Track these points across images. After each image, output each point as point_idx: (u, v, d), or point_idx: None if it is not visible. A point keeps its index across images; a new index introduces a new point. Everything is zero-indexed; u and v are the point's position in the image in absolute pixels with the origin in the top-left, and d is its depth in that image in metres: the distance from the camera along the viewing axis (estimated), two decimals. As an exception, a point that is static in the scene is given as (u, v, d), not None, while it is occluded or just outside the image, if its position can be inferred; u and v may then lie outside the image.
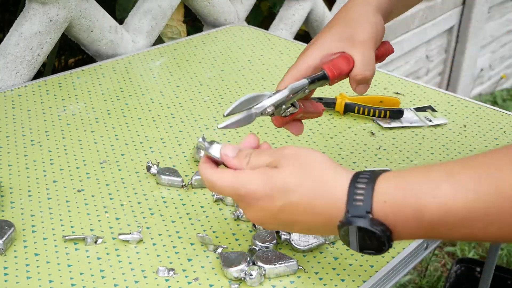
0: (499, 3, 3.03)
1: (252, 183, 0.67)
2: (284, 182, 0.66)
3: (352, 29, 0.83)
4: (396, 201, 0.62)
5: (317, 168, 0.66)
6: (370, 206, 0.63)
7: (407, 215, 0.62)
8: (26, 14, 1.22)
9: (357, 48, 0.81)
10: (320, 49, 0.82)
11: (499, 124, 1.16)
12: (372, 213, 0.63)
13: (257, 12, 1.92)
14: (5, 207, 0.87)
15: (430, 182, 0.61)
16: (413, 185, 0.62)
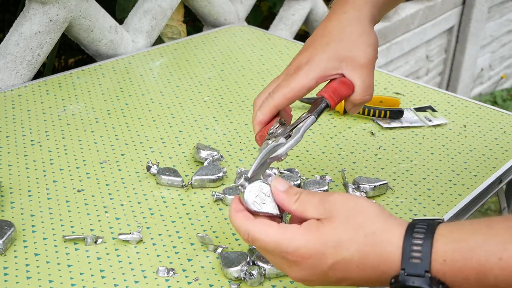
0: (499, 3, 3.03)
1: (302, 238, 0.62)
2: (336, 238, 0.62)
3: (351, 50, 0.79)
4: (457, 260, 0.58)
5: (369, 220, 0.62)
6: (429, 265, 0.59)
7: (469, 276, 0.58)
8: (26, 14, 1.21)
9: (357, 72, 0.78)
10: (316, 70, 0.78)
11: (499, 124, 1.16)
12: (431, 271, 0.59)
13: (257, 12, 1.92)
14: (5, 207, 0.87)
15: (495, 242, 0.58)
16: (476, 244, 0.58)
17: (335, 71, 0.78)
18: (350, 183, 0.93)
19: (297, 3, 1.84)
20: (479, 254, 0.58)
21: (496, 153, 1.07)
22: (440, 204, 0.93)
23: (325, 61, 0.78)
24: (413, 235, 0.60)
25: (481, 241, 0.58)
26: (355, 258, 0.61)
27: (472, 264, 0.58)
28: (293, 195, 0.66)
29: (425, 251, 0.59)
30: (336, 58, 0.78)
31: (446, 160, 1.04)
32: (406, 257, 0.59)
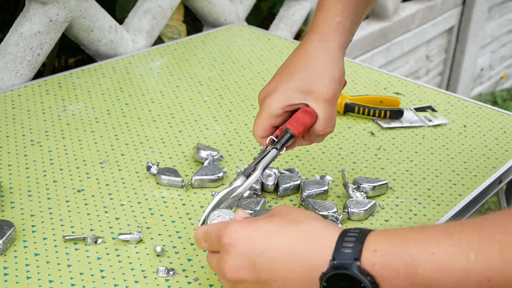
0: (499, 3, 3.02)
1: (234, 224, 0.66)
2: (266, 227, 0.64)
3: (315, 84, 0.82)
4: (388, 252, 0.58)
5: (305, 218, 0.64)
6: (359, 253, 0.58)
7: (398, 270, 0.57)
8: (26, 14, 1.21)
9: (320, 104, 0.82)
10: (281, 99, 0.82)
11: (499, 124, 1.16)
12: (361, 261, 0.58)
13: (257, 12, 1.92)
14: (5, 207, 0.87)
15: (428, 238, 0.57)
16: (408, 239, 0.58)
17: (299, 101, 0.82)
18: (350, 183, 0.93)
19: (297, 3, 1.84)
20: (412, 248, 0.57)
21: (496, 153, 1.07)
22: (440, 204, 0.93)
23: (290, 91, 0.82)
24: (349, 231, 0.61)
25: (415, 236, 0.58)
26: (284, 246, 0.62)
27: (403, 256, 0.57)
28: None
29: (357, 242, 0.59)
30: (300, 90, 0.82)
31: (446, 160, 1.04)
32: (338, 248, 0.59)
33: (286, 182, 0.93)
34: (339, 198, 0.93)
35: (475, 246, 0.55)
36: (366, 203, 0.89)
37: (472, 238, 0.56)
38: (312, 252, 0.61)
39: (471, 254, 0.55)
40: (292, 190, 0.93)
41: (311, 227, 0.62)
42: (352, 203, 0.89)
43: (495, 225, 0.56)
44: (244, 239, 0.64)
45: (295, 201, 0.92)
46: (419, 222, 0.89)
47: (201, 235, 0.70)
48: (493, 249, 0.54)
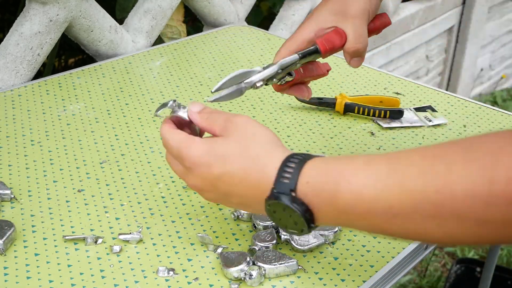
0: (499, 3, 3.02)
1: (195, 148, 0.70)
2: (224, 151, 0.69)
3: (345, 3, 0.85)
4: (317, 182, 0.64)
5: (259, 142, 0.69)
6: (294, 185, 0.65)
7: (324, 198, 0.64)
8: (26, 14, 1.22)
9: (349, 22, 0.84)
10: (314, 23, 0.85)
11: (499, 124, 1.16)
12: (296, 191, 0.65)
13: (257, 12, 1.92)
14: (5, 207, 0.87)
15: (350, 169, 0.63)
16: (335, 170, 0.64)
17: (330, 24, 0.84)
18: (350, 183, 0.93)
19: (297, 3, 1.84)
20: (334, 177, 0.63)
21: (496, 153, 1.06)
22: (440, 204, 0.93)
23: (322, 15, 0.85)
24: (290, 160, 0.66)
25: (339, 165, 0.64)
26: (239, 173, 0.68)
27: (328, 186, 0.63)
28: (204, 113, 0.74)
29: (294, 173, 0.65)
30: (331, 12, 0.85)
31: (446, 160, 1.04)
32: (278, 177, 0.66)
33: (286, 182, 0.93)
34: (339, 198, 0.93)
35: (383, 177, 0.61)
36: (366, 203, 0.89)
37: (382, 169, 0.61)
38: (261, 180, 0.67)
39: (379, 185, 0.60)
40: (292, 190, 0.93)
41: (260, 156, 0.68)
42: (352, 203, 0.89)
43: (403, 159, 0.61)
44: (203, 165, 0.69)
45: (295, 201, 0.92)
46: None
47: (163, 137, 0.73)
48: (396, 180, 0.60)
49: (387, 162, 0.62)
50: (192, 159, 0.70)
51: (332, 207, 0.64)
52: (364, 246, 0.83)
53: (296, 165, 0.66)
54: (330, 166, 0.65)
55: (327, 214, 0.65)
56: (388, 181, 0.60)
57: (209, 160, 0.69)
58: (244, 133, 0.70)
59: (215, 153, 0.69)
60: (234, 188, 0.69)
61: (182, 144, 0.71)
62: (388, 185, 0.60)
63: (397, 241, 0.84)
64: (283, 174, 0.66)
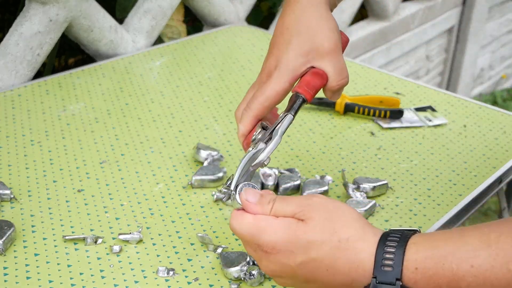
0: (499, 3, 3.02)
1: (275, 233, 0.63)
2: (308, 238, 0.62)
3: (313, 41, 0.76)
4: (429, 268, 0.58)
5: (345, 226, 0.62)
6: (400, 273, 0.59)
7: (441, 284, 0.58)
8: (26, 14, 1.21)
9: (325, 60, 0.76)
10: (286, 73, 0.76)
11: (499, 124, 1.16)
12: (402, 280, 0.59)
13: (257, 12, 1.92)
14: (5, 207, 0.87)
15: (466, 250, 0.58)
16: (447, 252, 0.58)
17: (304, 67, 0.76)
18: (350, 183, 0.93)
19: (297, 3, 1.84)
20: (451, 262, 0.58)
21: (496, 153, 1.07)
22: (440, 204, 0.93)
23: (292, 60, 0.76)
24: (386, 243, 0.60)
25: (453, 249, 0.58)
26: (325, 260, 0.61)
27: (444, 272, 0.58)
28: (266, 204, 0.65)
29: (397, 259, 0.59)
30: (301, 53, 0.76)
31: (446, 160, 1.04)
32: (378, 265, 0.59)
33: (286, 182, 0.93)
34: (339, 198, 0.93)
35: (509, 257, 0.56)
36: (366, 203, 0.89)
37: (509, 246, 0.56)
38: (352, 268, 0.61)
39: (510, 265, 0.56)
40: (292, 190, 0.93)
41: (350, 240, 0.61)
42: (352, 203, 0.89)
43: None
44: (285, 252, 0.63)
45: (295, 201, 0.92)
46: (419, 222, 0.89)
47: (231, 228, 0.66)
48: None
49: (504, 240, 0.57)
50: (269, 246, 0.63)
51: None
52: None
53: (397, 249, 0.59)
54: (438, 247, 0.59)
55: None
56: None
57: (289, 248, 0.62)
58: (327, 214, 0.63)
59: (296, 240, 0.62)
60: (319, 276, 0.62)
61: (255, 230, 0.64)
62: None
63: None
64: (384, 261, 0.59)
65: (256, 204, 0.66)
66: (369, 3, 2.18)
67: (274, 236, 0.63)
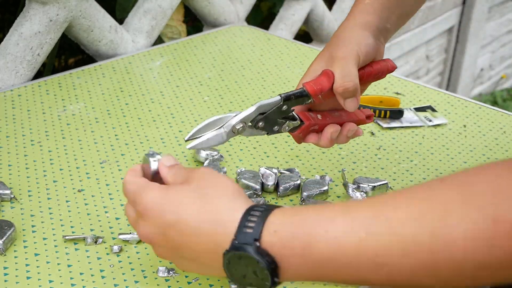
0: (499, 3, 3.03)
1: (151, 193, 0.66)
2: (179, 199, 0.64)
3: (334, 48, 0.84)
4: (287, 231, 0.59)
5: (218, 192, 0.64)
6: (259, 234, 0.59)
7: (295, 249, 0.58)
8: (26, 14, 1.22)
9: (336, 63, 0.82)
10: (308, 75, 0.84)
11: (499, 124, 1.16)
12: (260, 241, 0.59)
13: (257, 12, 1.92)
14: (5, 207, 0.87)
15: (325, 217, 0.58)
16: (307, 218, 0.59)
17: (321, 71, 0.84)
18: (350, 183, 0.93)
19: (297, 3, 1.84)
20: (308, 227, 0.58)
21: (496, 153, 1.07)
22: (440, 204, 0.93)
23: (313, 67, 0.85)
24: (253, 210, 0.61)
25: (313, 214, 0.59)
26: (192, 222, 0.62)
27: (299, 235, 0.58)
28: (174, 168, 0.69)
29: (258, 222, 0.60)
30: (322, 60, 0.85)
31: (446, 160, 1.04)
32: (240, 227, 0.60)
33: (286, 182, 0.93)
34: (339, 198, 0.93)
35: (367, 224, 0.56)
36: (366, 203, 0.89)
37: (365, 216, 0.56)
38: (217, 230, 0.61)
39: (362, 232, 0.55)
40: (292, 190, 0.93)
41: (221, 203, 0.63)
42: (352, 203, 0.89)
43: (388, 203, 0.57)
44: (156, 210, 0.64)
45: (295, 201, 0.92)
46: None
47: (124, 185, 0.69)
48: (382, 225, 0.55)
49: (370, 207, 0.57)
50: (143, 202, 0.65)
51: (305, 259, 0.58)
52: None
53: (261, 214, 0.60)
54: (301, 214, 0.59)
55: (297, 267, 0.59)
56: (373, 227, 0.55)
57: (162, 205, 0.64)
58: (204, 181, 0.65)
59: (168, 198, 0.64)
60: (186, 238, 0.63)
61: (139, 189, 0.67)
62: (374, 231, 0.55)
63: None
64: (246, 224, 0.60)
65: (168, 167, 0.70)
66: (369, 3, 2.17)
67: (149, 196, 0.65)
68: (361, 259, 0.56)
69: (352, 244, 0.56)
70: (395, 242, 0.54)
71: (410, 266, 0.54)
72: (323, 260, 0.57)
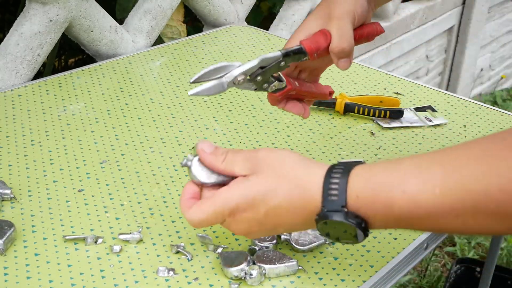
0: (499, 3, 3.03)
1: (232, 199, 0.69)
2: (263, 189, 0.68)
3: (330, 7, 0.84)
4: (367, 196, 0.65)
5: (291, 168, 0.69)
6: (344, 201, 0.65)
7: (378, 209, 0.65)
8: (26, 14, 1.22)
9: (333, 22, 0.83)
10: (303, 32, 0.84)
11: (499, 124, 1.16)
12: (347, 206, 0.66)
13: (257, 12, 1.92)
14: (5, 207, 0.87)
15: (400, 177, 0.64)
16: (383, 180, 0.65)
17: (317, 29, 0.84)
18: (350, 183, 0.93)
19: (297, 3, 1.84)
20: (386, 189, 0.64)
21: (496, 153, 1.07)
22: (440, 204, 0.93)
23: (309, 23, 0.85)
24: (332, 175, 0.67)
25: (388, 176, 0.65)
26: (283, 203, 0.68)
27: (380, 198, 0.64)
28: (219, 155, 0.72)
29: (341, 189, 0.66)
30: (318, 17, 0.85)
31: (446, 160, 1.04)
32: (325, 195, 0.66)
33: (286, 182, 0.93)
34: (339, 198, 0.93)
35: (440, 181, 0.61)
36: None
37: (436, 173, 0.62)
38: (306, 202, 0.67)
39: (436, 189, 0.61)
40: (292, 190, 0.93)
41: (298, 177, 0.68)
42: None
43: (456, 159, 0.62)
44: (247, 208, 0.69)
45: (295, 201, 0.92)
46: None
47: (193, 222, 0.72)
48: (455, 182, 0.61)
49: (440, 165, 0.63)
50: (235, 212, 0.69)
51: (387, 217, 0.65)
52: (364, 246, 0.83)
53: (341, 179, 0.66)
54: (377, 175, 0.65)
55: (381, 222, 0.66)
56: (446, 185, 0.61)
57: (251, 203, 0.69)
58: (272, 164, 0.69)
59: (253, 195, 0.68)
60: (282, 219, 0.69)
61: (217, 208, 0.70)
62: (448, 188, 0.61)
63: (397, 241, 0.84)
64: (330, 192, 0.66)
65: (211, 153, 0.72)
66: (369, 3, 2.17)
67: (233, 200, 0.69)
68: (437, 213, 0.62)
69: (428, 201, 0.62)
70: (468, 198, 0.60)
71: (482, 216, 0.60)
72: (404, 215, 0.64)
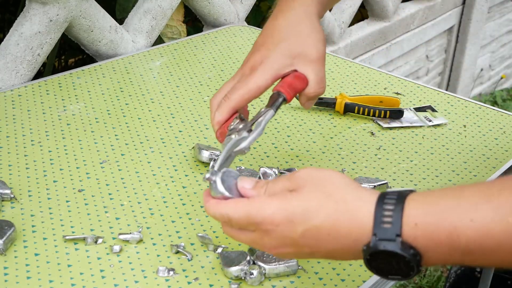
0: (499, 3, 3.03)
1: (269, 207, 0.62)
2: (304, 205, 0.61)
3: (303, 46, 0.81)
4: (429, 224, 0.58)
5: (338, 189, 0.62)
6: (399, 229, 0.58)
7: (441, 239, 0.58)
8: (26, 14, 1.22)
9: (309, 67, 0.81)
10: (271, 70, 0.80)
11: (499, 124, 1.16)
12: (402, 236, 0.58)
13: (257, 12, 1.92)
14: (5, 207, 0.87)
15: (466, 205, 0.58)
16: (447, 207, 0.58)
17: (288, 68, 0.81)
18: (350, 183, 0.93)
19: (297, 3, 1.84)
20: (451, 216, 0.57)
21: (496, 153, 1.07)
22: (440, 204, 0.93)
23: (278, 59, 0.81)
24: (385, 201, 0.60)
25: (452, 203, 0.58)
26: (326, 225, 0.61)
27: (444, 226, 0.57)
28: (260, 188, 0.66)
29: (396, 216, 0.59)
30: (289, 55, 0.81)
31: (446, 160, 1.04)
32: (377, 222, 0.59)
33: (286, 182, 0.93)
34: (339, 198, 0.93)
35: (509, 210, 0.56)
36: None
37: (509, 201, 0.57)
38: (353, 228, 0.60)
39: (509, 217, 0.56)
40: (292, 190, 0.93)
41: (347, 200, 0.61)
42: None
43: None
44: (284, 224, 0.62)
45: (295, 201, 0.92)
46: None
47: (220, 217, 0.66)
48: None
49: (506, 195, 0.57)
50: (267, 221, 0.62)
51: (450, 248, 0.58)
52: (364, 246, 0.83)
53: (395, 206, 0.59)
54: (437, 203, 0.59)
55: (441, 255, 0.59)
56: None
57: (288, 217, 0.61)
58: (317, 181, 0.63)
59: (293, 209, 0.61)
60: (321, 242, 0.62)
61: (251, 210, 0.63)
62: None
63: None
64: (383, 219, 0.59)
65: (252, 189, 0.66)
66: (369, 3, 2.18)
67: (271, 211, 0.62)
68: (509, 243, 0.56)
69: (501, 229, 0.56)
70: None
71: None
72: (472, 246, 0.57)
